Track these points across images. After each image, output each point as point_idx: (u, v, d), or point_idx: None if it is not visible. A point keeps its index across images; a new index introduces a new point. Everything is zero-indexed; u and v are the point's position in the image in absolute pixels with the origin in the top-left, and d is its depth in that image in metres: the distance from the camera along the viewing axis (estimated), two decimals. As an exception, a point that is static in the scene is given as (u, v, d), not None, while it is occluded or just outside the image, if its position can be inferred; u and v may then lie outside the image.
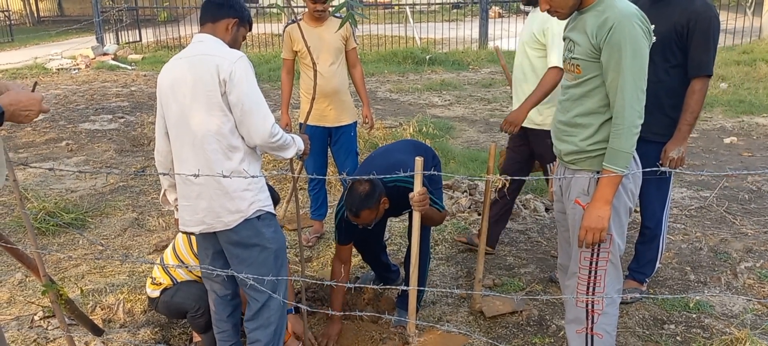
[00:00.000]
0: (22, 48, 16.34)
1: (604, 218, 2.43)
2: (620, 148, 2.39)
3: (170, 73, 2.59)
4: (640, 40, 2.35)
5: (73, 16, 24.26)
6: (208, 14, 2.64)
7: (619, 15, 2.34)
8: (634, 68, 2.34)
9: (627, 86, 2.35)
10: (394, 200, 3.13)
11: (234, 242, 2.62)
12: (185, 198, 2.64)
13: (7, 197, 5.60)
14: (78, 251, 4.55)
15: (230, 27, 2.65)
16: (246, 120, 2.48)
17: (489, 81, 10.56)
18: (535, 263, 4.20)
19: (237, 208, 2.56)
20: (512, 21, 16.42)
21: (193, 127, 2.52)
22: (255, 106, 2.48)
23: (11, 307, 3.78)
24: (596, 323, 2.66)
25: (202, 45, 2.58)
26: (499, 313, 3.51)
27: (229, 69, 2.45)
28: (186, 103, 2.52)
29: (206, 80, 2.47)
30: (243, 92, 2.47)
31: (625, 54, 2.33)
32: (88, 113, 8.88)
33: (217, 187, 2.54)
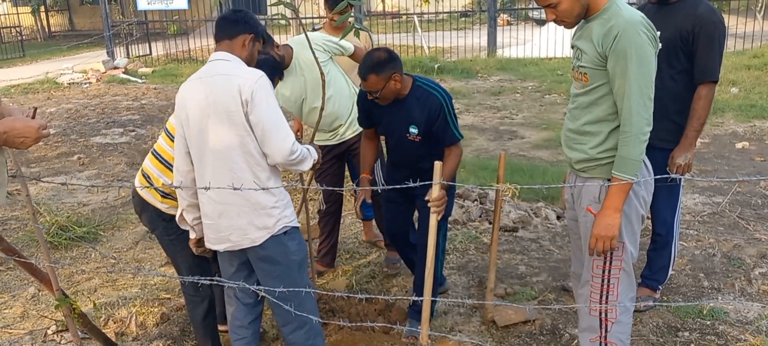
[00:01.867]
0: (34, 63, 16.51)
1: (614, 226, 2.42)
2: (628, 156, 2.38)
3: (190, 94, 2.61)
4: (646, 47, 2.34)
5: (84, 31, 24.48)
6: (224, 31, 2.66)
7: (625, 22, 2.34)
8: (640, 75, 2.33)
9: (633, 94, 2.34)
10: (416, 97, 3.20)
11: (261, 257, 2.67)
12: (208, 217, 2.67)
13: (20, 211, 5.64)
14: (90, 265, 4.58)
15: (247, 43, 2.67)
16: (267, 139, 2.52)
17: (498, 89, 10.55)
18: (547, 271, 4.18)
19: (264, 224, 2.60)
20: (520, 29, 16.41)
21: (217, 147, 2.55)
22: (275, 126, 2.52)
23: (24, 321, 3.80)
24: (610, 331, 2.65)
25: (221, 64, 2.60)
26: (511, 322, 3.50)
27: (251, 89, 2.48)
28: (209, 123, 2.55)
29: (228, 101, 2.50)
30: (263, 112, 2.50)
31: (631, 61, 2.32)
32: (100, 127, 8.95)
33: (245, 204, 2.57)
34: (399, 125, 3.28)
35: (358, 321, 3.49)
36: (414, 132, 3.24)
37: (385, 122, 3.38)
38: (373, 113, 3.39)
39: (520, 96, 10.05)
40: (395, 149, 3.46)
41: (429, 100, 3.18)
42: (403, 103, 3.23)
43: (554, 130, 7.65)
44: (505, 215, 4.95)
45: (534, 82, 11.01)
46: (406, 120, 3.24)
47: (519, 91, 10.42)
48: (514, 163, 6.30)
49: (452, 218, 4.98)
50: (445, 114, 3.17)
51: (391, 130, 3.37)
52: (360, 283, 4.12)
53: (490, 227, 4.89)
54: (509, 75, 11.85)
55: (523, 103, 9.49)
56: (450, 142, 3.23)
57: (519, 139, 7.63)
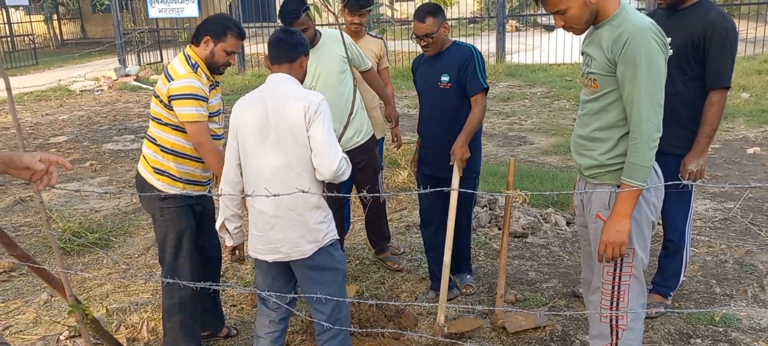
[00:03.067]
0: (47, 70, 16.66)
1: (624, 232, 2.41)
2: (638, 162, 2.37)
3: (251, 110, 2.73)
4: (655, 53, 2.34)
5: (96, 39, 24.71)
6: (285, 55, 2.78)
7: (634, 29, 2.34)
8: (649, 81, 2.33)
9: (643, 100, 2.34)
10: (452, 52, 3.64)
11: (309, 266, 2.78)
12: (258, 229, 2.78)
13: (33, 217, 5.69)
14: (102, 271, 4.61)
15: (304, 64, 2.85)
16: (319, 153, 2.66)
17: (507, 95, 10.55)
18: (557, 277, 4.17)
19: (314, 238, 2.74)
20: (529, 35, 16.40)
21: (278, 163, 2.68)
22: (329, 142, 2.67)
23: (37, 327, 3.83)
24: (621, 338, 2.64)
25: (286, 86, 2.74)
26: (521, 329, 3.49)
27: (315, 109, 2.65)
28: (271, 140, 2.67)
29: (294, 121, 2.64)
30: (320, 131, 2.65)
31: (641, 67, 2.32)
32: (111, 134, 9.01)
33: (299, 219, 2.70)
34: (433, 75, 3.64)
35: (368, 327, 3.50)
36: (445, 80, 3.60)
37: (421, 78, 3.77)
38: (417, 75, 3.83)
39: (529, 102, 10.04)
40: (427, 103, 3.75)
41: (461, 51, 3.64)
42: (440, 56, 3.65)
43: (563, 136, 7.64)
44: (515, 221, 4.95)
45: (543, 88, 11.00)
46: (440, 69, 3.62)
47: (528, 97, 10.41)
48: (523, 169, 6.29)
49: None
50: (475, 63, 3.58)
51: (425, 81, 3.72)
52: (370, 289, 4.13)
53: (499, 233, 4.88)
54: (518, 81, 11.84)
55: (532, 109, 9.48)
56: (475, 90, 3.58)
57: (528, 145, 7.62)
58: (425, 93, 3.75)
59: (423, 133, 3.79)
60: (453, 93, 3.61)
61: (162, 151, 3.10)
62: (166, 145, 3.09)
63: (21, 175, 1.96)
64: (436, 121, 3.70)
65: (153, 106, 3.12)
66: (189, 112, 2.98)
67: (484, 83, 3.59)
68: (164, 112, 3.05)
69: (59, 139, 8.87)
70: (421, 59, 3.84)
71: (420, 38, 3.60)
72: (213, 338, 3.59)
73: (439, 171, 3.67)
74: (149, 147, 3.15)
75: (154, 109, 3.10)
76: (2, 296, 4.26)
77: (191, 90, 2.97)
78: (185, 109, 2.97)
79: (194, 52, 3.11)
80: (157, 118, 3.10)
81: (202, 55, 3.09)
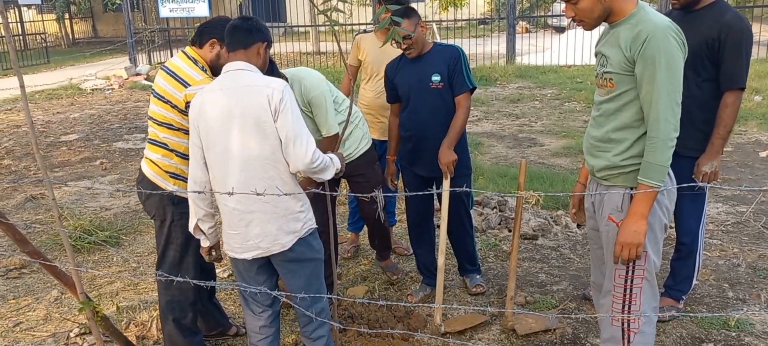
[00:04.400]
0: (58, 69, 16.76)
1: (641, 232, 2.39)
2: (655, 162, 2.35)
3: (210, 105, 2.61)
4: (675, 52, 2.32)
5: (107, 38, 24.85)
6: (239, 41, 2.65)
7: (654, 27, 2.32)
8: (668, 81, 2.30)
9: (661, 99, 2.31)
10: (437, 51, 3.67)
11: (289, 259, 2.72)
12: (232, 227, 2.68)
13: (44, 215, 5.72)
14: (112, 269, 4.62)
15: (261, 51, 2.69)
16: (290, 146, 2.55)
17: (517, 96, 10.51)
18: (567, 280, 4.14)
19: (293, 229, 2.66)
20: (539, 36, 16.36)
21: (245, 157, 2.57)
22: (298, 134, 2.55)
23: (47, 324, 3.84)
24: (632, 342, 2.61)
25: (245, 75, 2.61)
26: (531, 331, 3.47)
27: (279, 97, 2.52)
28: (234, 133, 2.56)
29: (258, 111, 2.52)
30: (288, 120, 2.54)
31: (660, 66, 2.30)
32: (122, 132, 9.05)
33: (274, 211, 2.61)
34: (423, 76, 3.63)
35: (377, 328, 3.49)
36: (436, 79, 3.60)
37: (407, 81, 3.70)
38: (396, 79, 3.74)
39: (539, 103, 10.00)
40: (418, 105, 3.69)
41: (448, 50, 3.68)
42: (427, 57, 3.65)
43: (574, 137, 7.61)
44: (525, 223, 4.92)
45: (553, 90, 10.96)
46: (430, 70, 3.62)
47: (538, 98, 10.37)
48: (533, 170, 6.26)
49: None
50: (462, 62, 3.62)
51: (415, 84, 3.67)
52: (379, 289, 4.12)
53: (509, 235, 4.86)
54: (528, 82, 11.80)
55: (542, 111, 9.45)
56: (461, 90, 3.62)
57: (538, 146, 7.59)
58: (415, 95, 3.67)
59: (414, 135, 3.72)
60: (446, 92, 3.63)
61: (177, 156, 3.00)
62: (179, 149, 2.99)
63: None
64: (430, 122, 3.65)
65: (159, 110, 3.00)
66: None
67: (471, 83, 3.64)
68: (177, 117, 2.94)
69: (70, 137, 8.91)
70: (397, 63, 3.77)
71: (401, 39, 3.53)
72: (222, 336, 3.59)
73: (437, 172, 3.63)
74: (158, 152, 3.03)
75: (162, 113, 2.98)
76: (13, 292, 4.28)
77: None
78: None
79: (198, 53, 3.00)
80: (166, 123, 2.98)
81: (206, 58, 2.99)
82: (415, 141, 3.73)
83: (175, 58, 3.06)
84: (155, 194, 3.01)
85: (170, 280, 2.92)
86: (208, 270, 3.37)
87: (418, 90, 3.67)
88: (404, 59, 3.74)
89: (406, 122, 3.76)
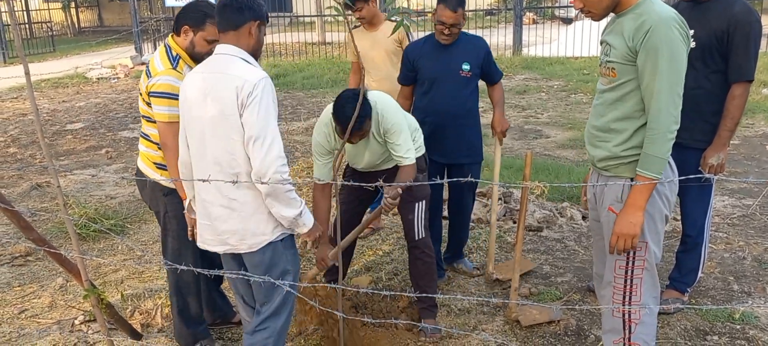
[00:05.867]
0: (64, 58, 16.78)
1: (637, 224, 2.38)
2: (654, 154, 2.33)
3: (190, 89, 2.49)
4: (678, 44, 2.29)
5: (113, 27, 24.85)
6: (229, 21, 2.46)
7: (657, 18, 2.30)
8: (670, 72, 2.29)
9: (663, 90, 2.30)
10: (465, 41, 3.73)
11: (255, 264, 2.57)
12: (204, 218, 2.59)
13: (49, 203, 5.74)
14: (117, 257, 4.63)
15: (253, 30, 2.49)
16: (250, 146, 2.36)
17: (523, 88, 10.47)
18: (572, 272, 4.13)
19: (262, 231, 2.51)
20: (546, 27, 16.28)
21: (216, 147, 2.45)
22: (261, 134, 2.34)
23: (53, 311, 3.86)
24: (634, 332, 2.61)
25: (225, 60, 2.45)
26: (535, 322, 3.47)
27: (248, 90, 2.34)
28: (207, 122, 2.44)
29: (227, 103, 2.37)
30: (253, 116, 2.34)
31: (662, 58, 2.28)
32: (127, 121, 9.06)
33: (241, 209, 2.47)
34: (453, 64, 3.68)
35: (381, 318, 3.49)
36: (466, 68, 3.68)
37: (434, 66, 3.70)
38: (420, 62, 3.72)
39: (546, 95, 9.96)
40: (443, 91, 3.70)
41: (477, 41, 3.80)
42: (455, 46, 3.68)
43: (580, 129, 7.57)
44: (530, 215, 4.91)
45: (559, 82, 10.91)
46: (459, 59, 3.67)
47: (544, 90, 10.33)
48: (539, 162, 6.25)
49: (475, 216, 4.96)
50: (490, 53, 3.79)
51: (442, 69, 3.69)
52: (383, 280, 4.12)
53: (514, 227, 4.85)
54: (534, 74, 11.75)
55: (548, 103, 9.41)
56: (498, 78, 3.87)
57: (544, 138, 7.57)
58: (441, 80, 3.70)
59: (434, 121, 3.71)
60: (472, 81, 3.72)
61: (159, 147, 2.97)
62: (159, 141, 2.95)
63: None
64: (454, 109, 3.70)
65: (140, 105, 3.00)
66: (161, 112, 2.82)
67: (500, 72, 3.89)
68: (150, 110, 2.91)
69: (76, 125, 8.93)
70: (421, 46, 3.78)
71: (446, 26, 3.57)
72: (226, 325, 3.60)
73: (458, 158, 3.73)
74: (145, 144, 3.06)
75: (142, 107, 2.98)
76: (19, 280, 4.29)
77: (165, 88, 2.80)
78: (158, 109, 2.82)
79: (175, 42, 2.94)
80: (147, 117, 2.97)
81: (183, 46, 2.92)
82: (435, 127, 3.71)
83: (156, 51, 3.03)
84: (147, 185, 3.06)
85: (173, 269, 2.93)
86: (211, 259, 3.37)
87: (446, 76, 3.69)
88: (429, 43, 3.74)
89: (427, 107, 3.74)
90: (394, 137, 3.18)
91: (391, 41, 4.39)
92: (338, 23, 16.48)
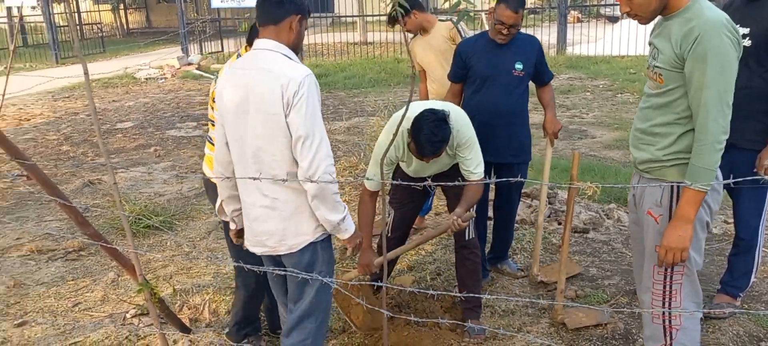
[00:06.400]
0: (114, 59, 17.23)
1: (686, 237, 2.32)
2: (703, 165, 2.25)
3: (229, 85, 2.45)
4: (728, 51, 2.20)
5: (160, 28, 25.39)
6: (269, 16, 2.40)
7: (706, 24, 2.20)
8: (719, 82, 2.20)
9: (711, 101, 2.21)
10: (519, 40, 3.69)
11: (293, 264, 2.53)
12: (246, 217, 2.57)
13: (101, 199, 5.91)
14: (166, 252, 4.74)
15: (294, 25, 2.42)
16: (298, 146, 2.32)
17: (567, 87, 10.33)
18: (619, 274, 4.06)
19: (304, 231, 2.48)
20: (591, 26, 16.02)
21: (257, 145, 2.40)
22: (310, 133, 2.30)
23: (105, 305, 3.97)
24: (675, 339, 2.55)
25: (266, 56, 2.39)
26: (582, 325, 3.42)
27: (294, 89, 2.29)
28: (249, 120, 2.39)
29: (270, 100, 2.32)
30: (301, 116, 2.29)
31: (711, 66, 2.19)
32: (174, 121, 9.26)
33: (282, 208, 2.44)
34: (506, 62, 3.65)
35: (424, 317, 3.49)
36: (519, 67, 3.65)
37: (487, 65, 3.68)
38: (473, 60, 3.70)
39: (591, 95, 9.81)
40: (495, 90, 3.68)
41: (530, 40, 3.78)
42: (508, 45, 3.65)
43: (626, 130, 7.43)
44: (576, 216, 4.84)
45: (605, 81, 10.73)
46: (513, 57, 3.64)
47: (589, 89, 10.17)
48: (584, 163, 6.16)
49: (519, 217, 4.91)
50: (542, 53, 3.76)
51: (494, 67, 3.67)
52: (426, 280, 4.12)
53: (558, 228, 4.79)
54: (579, 73, 11.58)
55: (593, 103, 9.27)
56: (549, 78, 3.85)
57: (589, 138, 7.45)
58: (493, 79, 3.68)
59: (484, 120, 3.65)
60: (524, 81, 3.70)
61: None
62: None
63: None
64: (505, 108, 3.68)
65: (209, 110, 3.02)
66: None
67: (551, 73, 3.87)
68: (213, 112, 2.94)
69: (125, 124, 9.17)
70: (473, 44, 3.77)
71: (505, 26, 3.54)
72: (276, 334, 3.63)
73: (507, 158, 3.72)
74: (210, 148, 3.06)
75: (210, 112, 3.00)
76: (72, 274, 4.44)
77: None
78: None
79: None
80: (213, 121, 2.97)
81: None
82: (484, 126, 3.63)
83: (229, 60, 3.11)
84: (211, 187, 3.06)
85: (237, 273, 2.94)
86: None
87: (498, 75, 3.68)
88: (481, 41, 3.73)
89: (477, 105, 3.71)
90: (467, 152, 3.17)
91: (443, 42, 4.45)
92: (380, 23, 16.49)
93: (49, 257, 4.71)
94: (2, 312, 3.89)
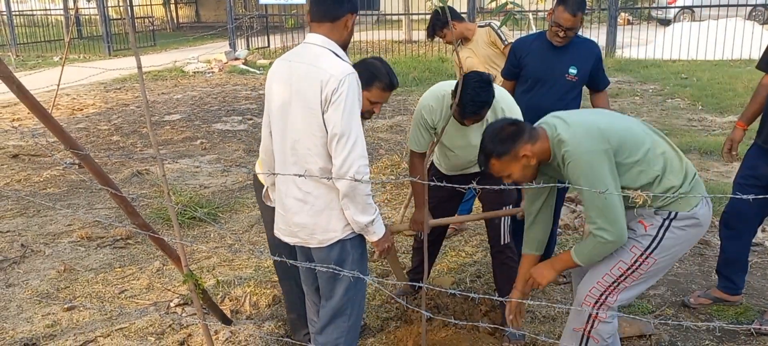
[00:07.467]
0: (164, 52, 17.62)
1: (547, 278, 2.69)
2: (588, 253, 2.53)
3: (276, 76, 2.49)
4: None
5: (209, 23, 25.87)
6: (327, 13, 2.41)
7: (573, 149, 2.47)
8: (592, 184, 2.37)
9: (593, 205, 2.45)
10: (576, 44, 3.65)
11: (321, 260, 2.53)
12: (280, 207, 2.59)
13: (148, 189, 6.05)
14: (209, 244, 4.83)
15: (349, 23, 2.45)
16: (333, 143, 2.32)
17: (616, 91, 10.12)
18: (665, 285, 3.96)
19: (333, 227, 2.47)
20: (642, 28, 15.68)
21: (296, 137, 2.42)
22: (346, 132, 2.29)
23: (150, 293, 4.07)
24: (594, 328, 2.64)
25: (315, 52, 2.41)
26: (625, 336, 3.35)
27: (333, 86, 2.29)
28: (291, 110, 2.42)
29: (311, 94, 2.33)
30: (338, 113, 2.29)
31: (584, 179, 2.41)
32: (220, 114, 9.41)
33: (314, 202, 2.45)
34: (560, 66, 3.61)
35: (462, 320, 3.47)
36: (573, 72, 3.60)
37: (541, 66, 3.64)
38: (527, 59, 3.68)
39: (640, 99, 9.60)
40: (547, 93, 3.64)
41: (589, 45, 3.72)
42: (565, 48, 3.60)
43: (676, 136, 7.25)
44: (621, 223, 4.74)
45: (655, 85, 10.48)
46: (569, 61, 3.59)
47: (638, 94, 9.96)
48: (631, 169, 6.01)
49: (562, 222, 4.84)
50: (601, 58, 3.69)
51: (548, 70, 3.63)
52: (466, 282, 4.09)
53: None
54: (628, 77, 11.35)
55: (642, 107, 9.06)
56: (605, 85, 3.77)
57: (637, 144, 7.28)
58: (545, 81, 3.64)
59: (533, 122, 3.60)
60: (577, 86, 3.64)
61: None
62: None
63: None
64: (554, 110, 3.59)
65: None
66: None
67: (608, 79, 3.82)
68: None
69: (173, 117, 9.36)
70: (530, 43, 3.72)
71: (562, 29, 3.49)
72: None
73: None
74: None
75: None
76: (120, 261, 4.55)
77: None
78: None
79: None
80: None
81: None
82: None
83: None
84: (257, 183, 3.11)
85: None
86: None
87: (551, 77, 3.63)
88: (539, 41, 3.69)
89: (527, 106, 3.59)
90: None
91: (485, 47, 4.48)
92: (425, 22, 16.48)
93: (98, 243, 4.84)
94: (53, 296, 4.02)
